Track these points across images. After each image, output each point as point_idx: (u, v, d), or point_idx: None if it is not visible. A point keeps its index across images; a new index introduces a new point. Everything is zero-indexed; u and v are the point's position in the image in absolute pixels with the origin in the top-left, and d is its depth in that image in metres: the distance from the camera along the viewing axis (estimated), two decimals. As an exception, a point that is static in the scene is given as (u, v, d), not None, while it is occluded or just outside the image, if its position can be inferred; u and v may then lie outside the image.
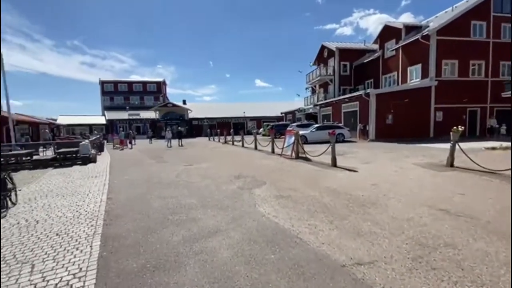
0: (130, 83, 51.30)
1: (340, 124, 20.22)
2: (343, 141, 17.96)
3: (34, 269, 2.88)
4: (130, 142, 21.95)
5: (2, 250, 3.38)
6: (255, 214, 4.45)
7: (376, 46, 26.64)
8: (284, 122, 34.34)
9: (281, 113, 41.48)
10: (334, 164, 8.42)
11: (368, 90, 19.05)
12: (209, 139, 29.63)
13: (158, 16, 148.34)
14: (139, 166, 10.85)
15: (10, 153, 10.96)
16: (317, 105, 28.17)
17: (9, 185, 5.54)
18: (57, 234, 3.85)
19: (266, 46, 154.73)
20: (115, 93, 49.53)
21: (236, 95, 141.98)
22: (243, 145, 18.01)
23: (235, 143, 20.63)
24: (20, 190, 6.77)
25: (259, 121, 43.15)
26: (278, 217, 4.23)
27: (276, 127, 26.11)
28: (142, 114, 42.24)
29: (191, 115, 42.23)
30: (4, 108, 13.81)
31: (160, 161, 12.10)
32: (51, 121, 31.53)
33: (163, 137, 26.31)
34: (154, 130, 37.44)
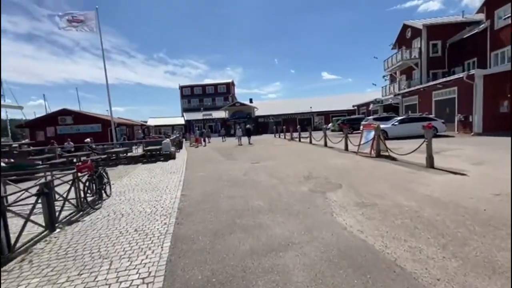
0: (203, 86, 56.05)
1: (430, 116, 16.89)
2: (436, 136, 14.87)
3: (111, 267, 2.95)
4: (204, 140, 23.72)
5: (92, 241, 3.68)
6: (333, 225, 3.72)
7: (480, 16, 21.23)
8: (357, 115, 31.31)
9: (353, 106, 38.03)
10: (430, 164, 6.76)
11: (473, 71, 15.19)
12: (274, 136, 29.52)
13: (226, 24, 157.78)
14: (211, 163, 11.32)
15: (112, 150, 13.07)
16: (398, 94, 24.51)
17: (105, 180, 6.35)
18: (135, 230, 4.02)
19: (332, 36, 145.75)
20: (191, 96, 54.99)
21: (301, 90, 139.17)
22: (310, 142, 17.00)
23: (302, 139, 19.74)
24: (113, 184, 7.81)
25: (327, 116, 40.69)
26: (364, 233, 3.40)
27: (348, 121, 23.91)
28: (214, 114, 45.51)
29: (257, 113, 43.15)
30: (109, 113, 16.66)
31: (229, 158, 12.39)
32: (142, 122, 37.19)
33: (233, 135, 27.50)
34: (225, 128, 39.75)
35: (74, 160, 12.46)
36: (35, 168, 9.81)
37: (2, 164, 9.32)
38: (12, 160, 9.81)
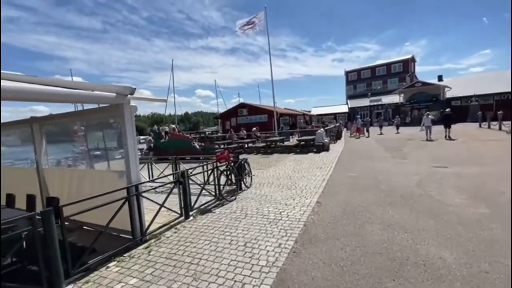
0: (373, 68, 49.47)
1: None
2: None
3: (189, 301, 2.25)
4: (368, 130, 20.45)
5: (204, 245, 3.30)
6: None
7: None
8: None
9: None
10: None
11: None
12: (480, 126, 20.23)
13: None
14: (369, 160, 9.02)
15: (270, 139, 13.90)
16: None
17: (247, 170, 6.27)
18: (244, 245, 3.24)
19: None
20: (358, 81, 50.39)
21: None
22: None
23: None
24: (260, 173, 7.80)
25: None
26: None
27: None
28: (384, 99, 38.98)
29: (449, 93, 31.98)
30: (273, 104, 18.07)
31: (397, 157, 9.36)
32: (305, 112, 38.64)
33: (408, 124, 21.66)
34: (399, 115, 32.99)
35: (246, 146, 14.47)
36: (214, 152, 12.16)
37: (197, 146, 12.27)
38: (202, 144, 12.70)
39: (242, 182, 5.90)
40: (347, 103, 44.93)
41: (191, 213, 4.41)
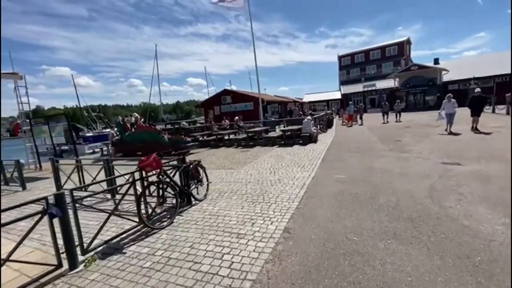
0: (367, 52, 47.44)
1: None
2: None
3: None
4: (361, 118, 18.87)
5: None
6: None
7: None
8: None
9: None
10: None
11: None
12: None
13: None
14: (362, 154, 7.49)
15: (251, 130, 12.22)
16: None
17: (200, 176, 4.64)
18: None
19: None
20: (351, 65, 48.45)
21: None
22: None
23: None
24: (230, 173, 6.20)
25: None
26: None
27: None
28: (378, 84, 37.40)
29: (445, 77, 30.54)
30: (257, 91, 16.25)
31: (396, 149, 7.85)
32: (297, 99, 36.80)
33: (403, 110, 19.78)
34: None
35: (226, 138, 12.76)
36: (185, 145, 10.47)
37: (165, 138, 10.56)
38: (170, 136, 10.97)
39: (191, 194, 4.28)
40: (340, 89, 43.21)
41: (84, 257, 2.81)
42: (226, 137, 12.91)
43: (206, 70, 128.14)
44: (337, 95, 41.80)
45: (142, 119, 12.79)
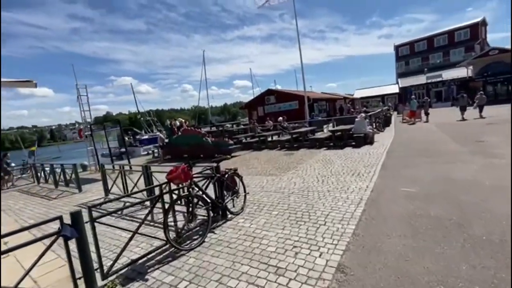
0: (430, 39, 41.55)
1: None
2: None
3: None
4: (426, 114, 16.22)
5: None
6: None
7: None
8: None
9: None
10: None
11: None
12: None
13: None
14: (434, 159, 6.09)
15: (295, 130, 11.40)
16: None
17: (236, 187, 4.14)
18: None
19: None
20: (410, 55, 43.06)
21: None
22: None
23: None
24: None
25: None
26: None
27: None
28: (445, 75, 32.36)
29: (541, 61, 24.60)
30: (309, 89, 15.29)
31: (481, 153, 6.19)
32: (347, 96, 34.18)
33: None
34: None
35: (269, 139, 12.24)
36: (228, 148, 10.25)
37: (209, 141, 10.53)
38: (214, 139, 10.88)
39: (225, 208, 3.80)
40: (397, 83, 38.82)
41: (104, 282, 2.51)
42: (269, 139, 12.36)
43: (252, 71, 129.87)
44: (394, 89, 37.63)
45: (187, 123, 13.08)
